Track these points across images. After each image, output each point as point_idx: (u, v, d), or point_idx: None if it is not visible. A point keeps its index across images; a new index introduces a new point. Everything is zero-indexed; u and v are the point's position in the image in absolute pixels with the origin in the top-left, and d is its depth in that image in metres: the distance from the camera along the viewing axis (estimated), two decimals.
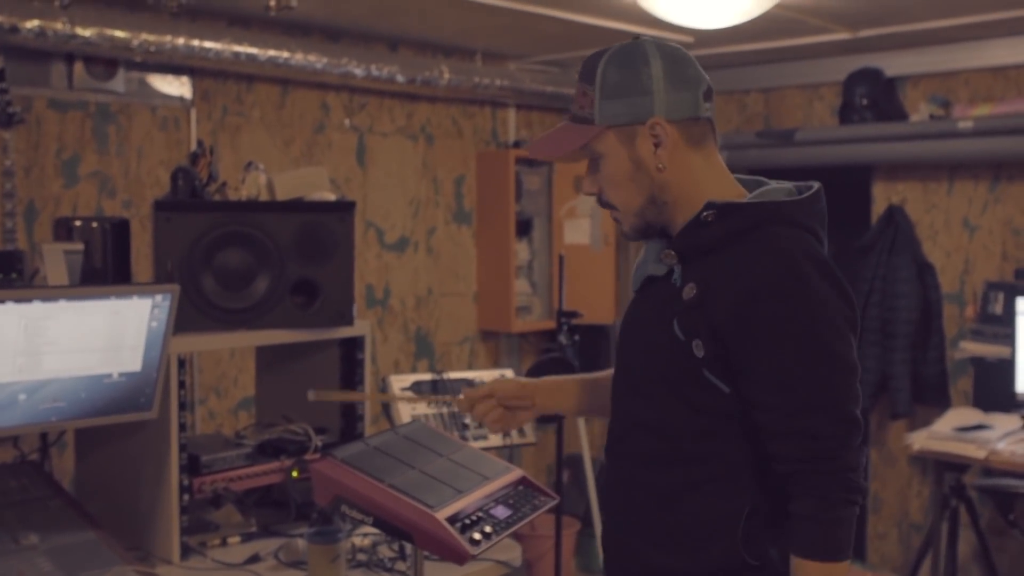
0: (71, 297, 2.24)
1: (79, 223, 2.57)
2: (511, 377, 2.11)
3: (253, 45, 3.93)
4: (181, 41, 3.71)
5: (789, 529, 1.63)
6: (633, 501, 1.77)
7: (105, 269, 2.54)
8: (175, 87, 4.00)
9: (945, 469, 3.88)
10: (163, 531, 2.46)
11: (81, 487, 2.78)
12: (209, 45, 3.79)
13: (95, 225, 2.57)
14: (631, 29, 4.20)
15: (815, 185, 1.74)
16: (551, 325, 5.01)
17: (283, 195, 2.73)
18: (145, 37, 3.61)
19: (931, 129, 4.46)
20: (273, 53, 3.98)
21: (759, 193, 1.72)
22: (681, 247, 1.70)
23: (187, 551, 2.49)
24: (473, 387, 2.10)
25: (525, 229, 5.28)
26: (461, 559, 1.98)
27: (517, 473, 2.30)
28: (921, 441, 3.86)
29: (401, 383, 3.28)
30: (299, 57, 4.06)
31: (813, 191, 1.72)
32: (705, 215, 1.67)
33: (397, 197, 4.81)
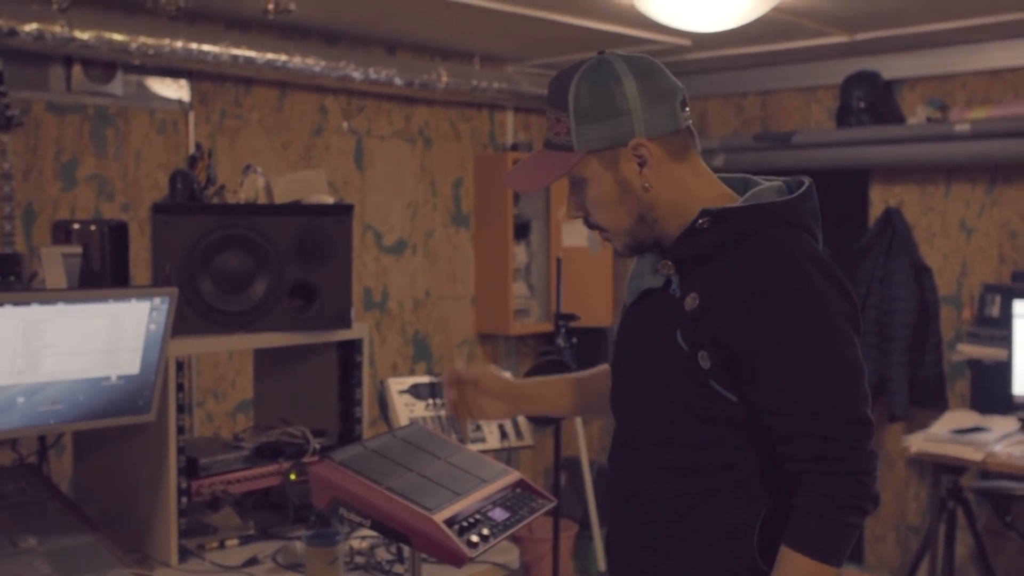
0: (69, 300, 2.24)
1: (77, 226, 2.57)
2: (499, 374, 2.10)
3: (251, 48, 3.93)
4: (179, 44, 3.71)
5: (789, 521, 1.60)
6: (642, 513, 1.74)
7: (103, 272, 2.54)
8: (173, 90, 4.01)
9: (942, 471, 3.88)
10: (161, 534, 2.46)
11: (79, 490, 2.78)
12: (207, 48, 3.80)
13: (93, 228, 2.57)
14: (629, 32, 4.21)
15: (805, 181, 1.71)
16: (549, 328, 5.01)
17: (281, 198, 2.74)
18: (143, 40, 3.62)
19: (928, 132, 4.46)
20: (271, 56, 3.99)
21: (751, 195, 1.69)
22: (678, 256, 1.67)
23: (185, 554, 2.49)
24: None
25: (523, 232, 5.28)
26: (459, 562, 1.98)
27: (515, 476, 2.30)
28: (918, 443, 3.86)
29: (399, 386, 3.29)
30: (297, 60, 4.07)
31: (804, 188, 1.70)
32: (700, 222, 1.64)
33: (395, 200, 4.81)
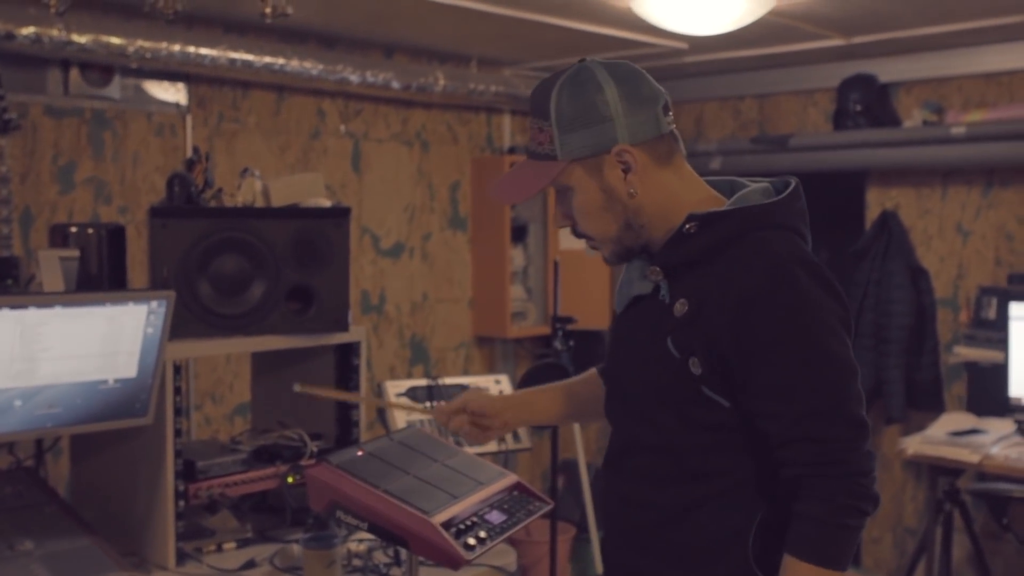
0: (67, 303, 2.25)
1: (75, 229, 2.57)
2: (483, 392, 2.10)
3: (249, 52, 3.93)
4: (177, 48, 3.72)
5: (789, 528, 1.59)
6: (638, 520, 1.74)
7: (101, 275, 2.54)
8: (171, 93, 4.01)
9: (939, 474, 3.89)
10: (158, 537, 2.46)
11: (76, 493, 2.78)
12: (205, 52, 3.80)
13: (91, 231, 2.57)
14: (626, 36, 4.21)
15: (792, 182, 1.71)
16: (546, 331, 5.02)
17: (279, 201, 2.74)
18: (141, 44, 3.62)
19: (924, 135, 4.47)
20: (269, 60, 3.99)
21: (738, 198, 1.68)
22: (666, 262, 1.67)
23: (182, 557, 2.49)
24: (452, 398, 2.10)
25: (520, 235, 5.28)
26: (456, 564, 1.99)
27: (512, 478, 2.30)
28: (915, 446, 3.87)
29: (396, 389, 3.29)
30: (295, 64, 4.07)
31: (791, 189, 1.69)
32: (687, 227, 1.64)
33: (392, 203, 4.82)
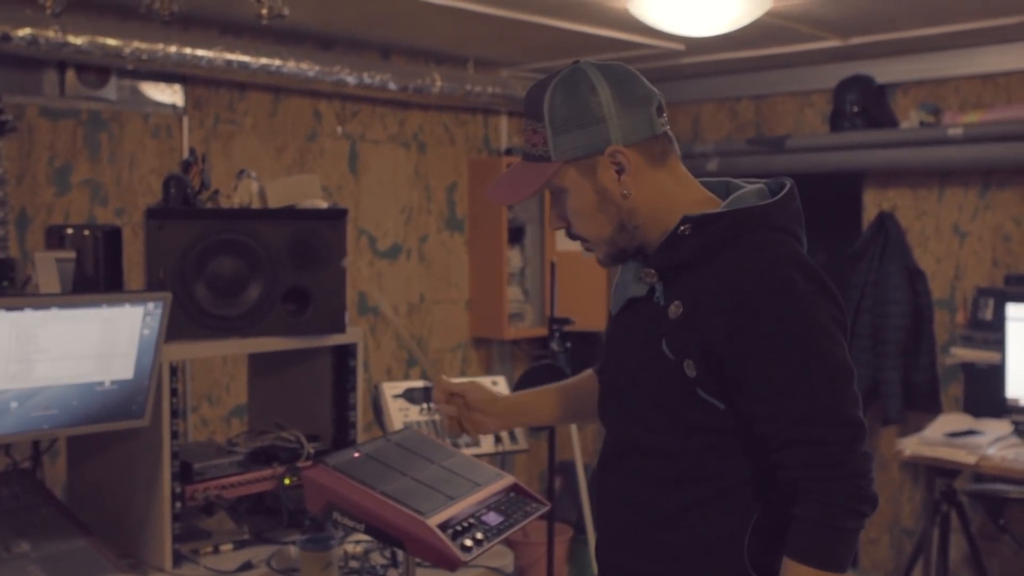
0: (63, 305, 2.24)
1: (71, 231, 2.57)
2: (487, 387, 2.10)
3: (245, 53, 3.93)
4: (173, 49, 3.71)
5: (789, 532, 1.59)
6: (633, 522, 1.73)
7: (97, 277, 2.54)
8: (167, 95, 4.01)
9: (936, 475, 3.89)
10: (155, 539, 2.46)
11: (73, 495, 2.77)
12: (201, 53, 3.79)
13: (87, 233, 2.57)
14: (623, 37, 4.21)
15: (787, 183, 1.70)
16: (543, 332, 5.01)
17: (275, 203, 2.74)
18: (137, 45, 3.61)
19: (921, 136, 4.48)
20: (265, 61, 3.99)
21: (733, 199, 1.68)
22: (660, 264, 1.67)
23: (179, 559, 2.48)
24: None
25: (517, 236, 5.28)
26: (453, 566, 1.99)
27: (509, 480, 2.30)
28: (912, 447, 3.87)
29: (393, 390, 3.29)
30: (291, 65, 4.07)
31: (786, 190, 1.69)
32: (682, 229, 1.63)
33: (389, 204, 4.81)
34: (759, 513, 1.64)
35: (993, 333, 4.14)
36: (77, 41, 3.46)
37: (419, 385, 3.32)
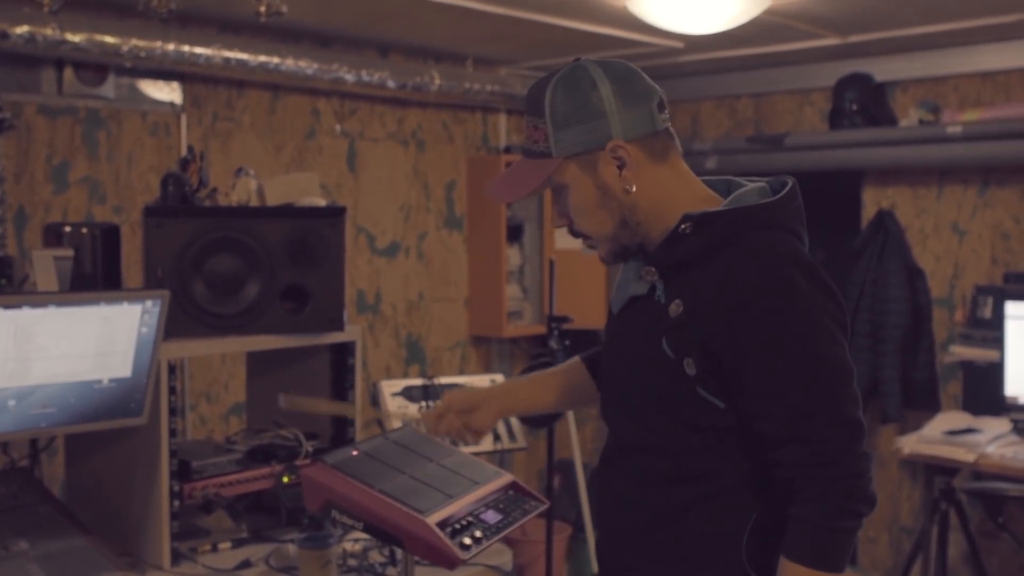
0: (61, 303, 2.24)
1: (69, 229, 2.57)
2: (463, 389, 2.09)
3: (243, 51, 3.92)
4: (171, 47, 3.71)
5: (785, 532, 1.59)
6: (633, 520, 1.73)
7: (95, 275, 2.54)
8: (165, 93, 4.00)
9: (935, 473, 3.89)
10: (153, 537, 2.46)
11: (71, 493, 2.77)
12: (199, 51, 3.79)
13: (85, 231, 2.56)
14: (621, 35, 4.21)
15: (789, 181, 1.70)
16: (542, 330, 5.00)
17: (273, 201, 2.73)
18: (135, 43, 3.61)
19: (921, 134, 4.47)
20: (264, 59, 3.98)
21: (734, 198, 1.68)
22: (661, 262, 1.67)
23: (177, 557, 2.48)
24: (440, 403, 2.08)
25: (516, 234, 5.28)
26: (451, 564, 1.98)
27: (507, 478, 2.30)
28: (911, 445, 3.87)
29: (392, 388, 3.29)
30: (290, 63, 4.06)
31: (788, 189, 1.69)
32: (682, 228, 1.63)
33: (388, 202, 4.81)
34: (758, 513, 1.64)
35: (992, 331, 4.14)
36: (75, 39, 3.46)
37: (417, 383, 3.32)
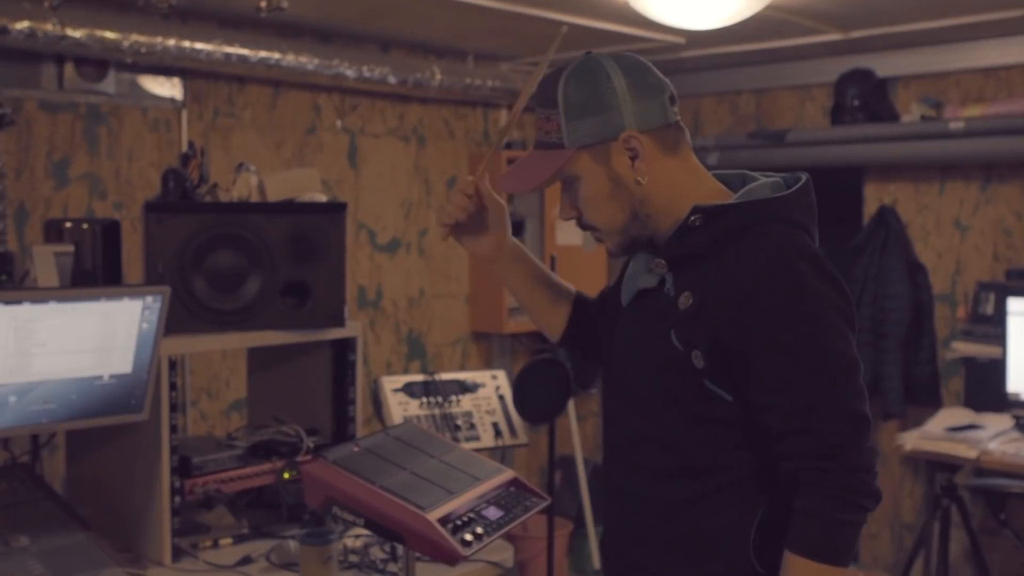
0: (61, 299, 2.24)
1: (69, 225, 2.56)
2: (506, 218, 1.97)
3: (244, 46, 3.92)
4: (172, 42, 3.70)
5: (790, 525, 1.58)
6: (637, 514, 1.73)
7: (95, 271, 2.53)
8: (166, 88, 4.00)
9: (937, 469, 3.89)
10: (154, 533, 2.46)
11: (72, 489, 2.77)
12: (200, 46, 3.78)
13: (86, 227, 2.56)
14: (623, 30, 4.20)
15: (803, 177, 1.70)
16: None
17: (274, 196, 2.73)
18: (136, 38, 3.60)
19: (922, 130, 4.46)
20: (264, 54, 3.98)
21: (745, 191, 1.68)
22: (671, 255, 1.67)
23: (178, 553, 2.48)
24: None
25: (517, 230, 5.27)
26: (453, 560, 1.98)
27: (509, 474, 2.30)
28: (913, 441, 3.86)
29: (393, 384, 3.28)
30: (290, 58, 4.06)
31: (801, 184, 1.69)
32: (692, 220, 1.63)
33: (389, 198, 4.81)
34: (765, 507, 1.64)
35: (994, 327, 4.13)
36: (75, 34, 3.46)
37: (419, 379, 3.32)
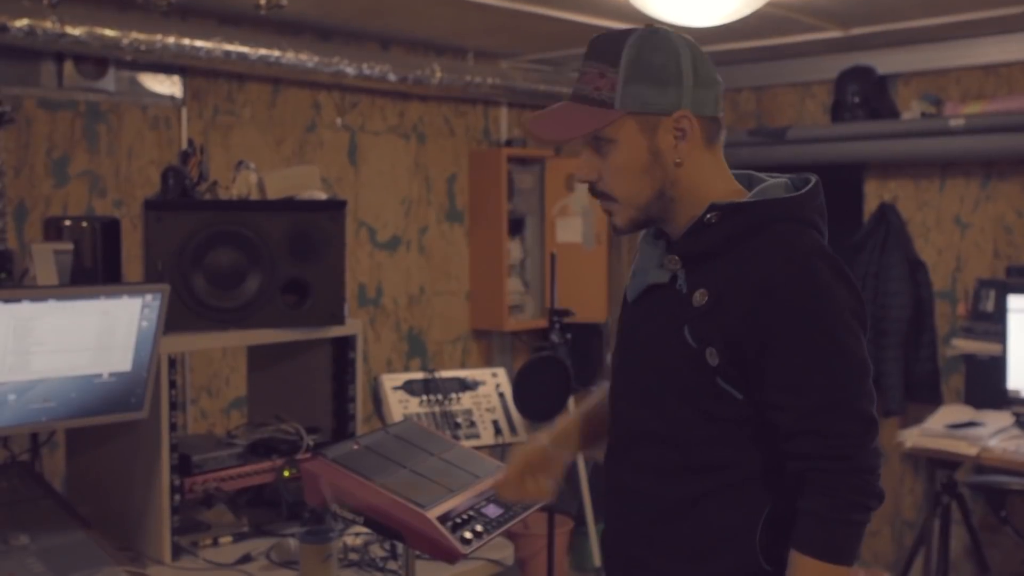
0: (60, 297, 2.23)
1: (69, 223, 2.56)
2: (525, 445, 2.00)
3: (244, 44, 3.91)
4: (172, 40, 3.70)
5: (795, 524, 1.59)
6: (643, 513, 1.72)
7: (95, 269, 2.53)
8: (166, 86, 3.99)
9: (937, 466, 3.89)
10: (154, 531, 2.46)
11: (72, 487, 2.77)
12: (200, 44, 3.78)
13: (85, 225, 2.56)
14: (623, 27, 4.19)
15: (812, 178, 1.70)
16: (543, 323, 5.00)
17: (274, 194, 2.73)
18: (135, 36, 3.60)
19: (923, 127, 4.46)
20: (264, 52, 3.97)
21: (759, 191, 1.68)
22: (685, 251, 1.66)
23: (178, 551, 2.48)
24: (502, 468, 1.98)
25: (517, 228, 5.27)
26: (452, 558, 1.98)
27: None
28: (913, 438, 3.86)
29: (393, 382, 3.28)
30: (290, 56, 4.05)
31: (812, 185, 1.69)
32: (709, 217, 1.63)
33: (389, 196, 4.80)
34: (771, 505, 1.64)
35: (994, 325, 4.13)
36: (75, 32, 3.45)
37: (419, 377, 3.32)
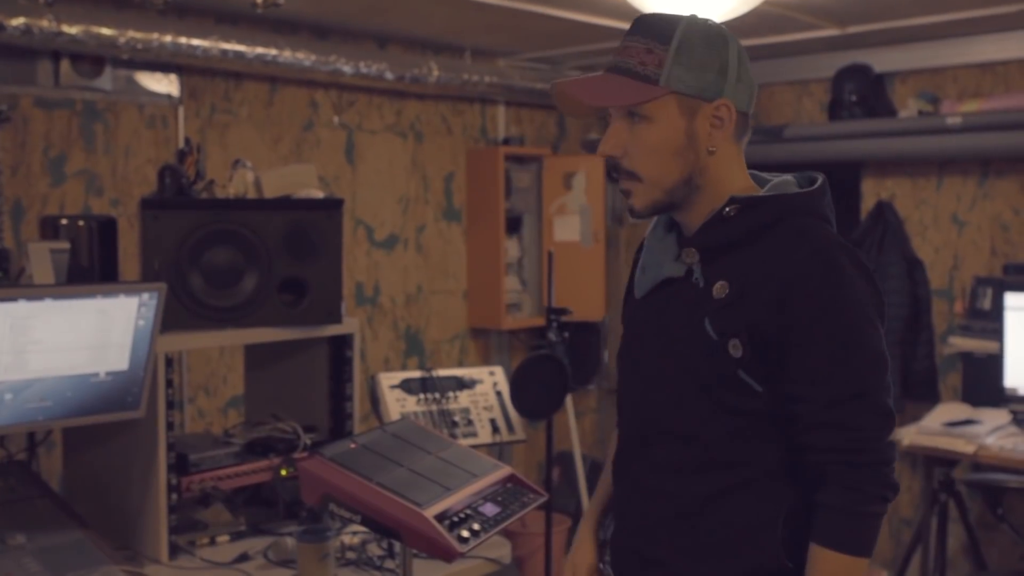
0: (57, 296, 2.23)
1: (66, 222, 2.56)
2: (578, 555, 1.95)
3: (241, 42, 3.91)
4: (168, 38, 3.69)
5: (815, 518, 1.59)
6: (660, 511, 1.71)
7: (92, 268, 2.53)
8: (163, 85, 3.99)
9: (934, 464, 3.89)
10: (151, 530, 2.45)
11: (69, 487, 2.77)
12: (197, 42, 3.77)
13: (82, 224, 2.56)
14: (620, 26, 4.19)
15: (819, 177, 1.72)
16: (541, 322, 5.00)
17: (271, 193, 2.72)
18: (132, 34, 3.59)
19: (920, 125, 4.46)
20: (261, 50, 3.96)
21: (772, 186, 1.71)
22: (703, 244, 1.67)
23: (176, 550, 2.48)
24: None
25: (515, 226, 5.27)
26: (449, 557, 1.98)
27: (506, 470, 2.30)
28: (910, 436, 3.87)
29: (390, 381, 3.28)
30: (287, 54, 4.05)
31: (820, 183, 1.71)
32: (727, 210, 1.65)
33: (386, 194, 4.80)
34: (792, 500, 1.64)
35: (991, 322, 4.13)
36: (72, 31, 3.44)
37: (416, 375, 3.32)
